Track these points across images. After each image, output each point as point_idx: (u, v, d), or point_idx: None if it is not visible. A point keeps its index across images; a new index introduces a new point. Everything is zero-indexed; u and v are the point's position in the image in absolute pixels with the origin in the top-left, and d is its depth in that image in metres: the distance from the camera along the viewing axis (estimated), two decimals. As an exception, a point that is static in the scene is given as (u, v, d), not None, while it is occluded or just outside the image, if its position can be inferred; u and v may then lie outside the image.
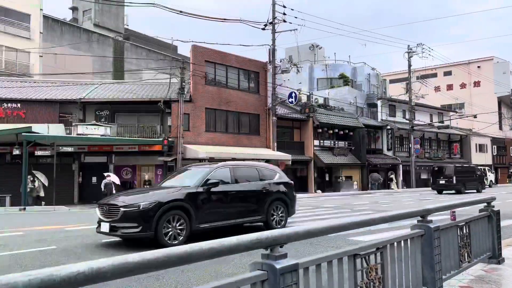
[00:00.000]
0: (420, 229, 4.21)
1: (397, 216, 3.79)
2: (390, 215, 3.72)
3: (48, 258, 6.75)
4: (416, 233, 4.14)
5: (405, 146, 38.19)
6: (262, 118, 26.58)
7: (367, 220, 3.54)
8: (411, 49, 36.99)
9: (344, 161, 31.65)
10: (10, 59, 28.74)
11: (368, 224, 3.63)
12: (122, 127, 23.18)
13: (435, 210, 4.47)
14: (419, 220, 4.31)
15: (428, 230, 4.20)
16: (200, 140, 23.29)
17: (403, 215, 3.90)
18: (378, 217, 3.66)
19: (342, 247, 3.77)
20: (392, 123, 36.71)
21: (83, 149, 21.66)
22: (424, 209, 4.25)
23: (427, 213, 4.30)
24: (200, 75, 23.47)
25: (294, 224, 10.69)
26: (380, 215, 3.72)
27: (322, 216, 13.02)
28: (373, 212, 13.22)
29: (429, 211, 4.34)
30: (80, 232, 9.96)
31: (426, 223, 4.26)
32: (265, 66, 26.89)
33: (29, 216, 15.52)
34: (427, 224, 4.24)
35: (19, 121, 21.78)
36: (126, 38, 46.66)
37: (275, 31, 26.61)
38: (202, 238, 3.84)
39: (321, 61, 47.41)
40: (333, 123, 31.18)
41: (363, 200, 20.82)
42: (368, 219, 3.58)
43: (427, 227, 4.21)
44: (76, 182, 22.26)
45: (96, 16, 45.26)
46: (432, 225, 4.24)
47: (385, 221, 3.89)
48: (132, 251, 6.91)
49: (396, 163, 35.53)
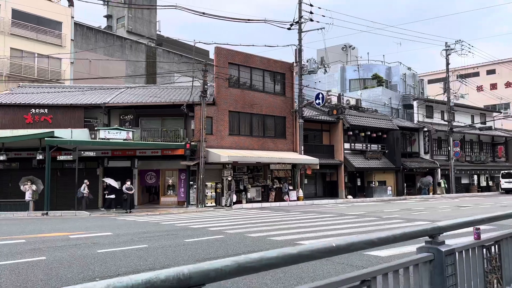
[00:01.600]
0: (428, 253, 3.28)
1: (386, 239, 2.89)
2: (377, 237, 2.83)
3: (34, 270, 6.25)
4: (422, 258, 3.21)
5: (444, 149, 36.05)
6: (289, 121, 25.67)
7: (353, 244, 2.71)
8: (449, 46, 34.92)
9: (377, 165, 30.16)
10: (42, 66, 29.42)
11: (356, 248, 2.77)
12: (146, 131, 23.00)
13: (449, 227, 3.50)
14: (427, 241, 3.38)
15: (439, 254, 3.26)
16: (223, 144, 22.71)
17: (398, 236, 2.99)
18: (363, 240, 2.82)
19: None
20: (429, 125, 34.75)
21: (106, 154, 21.59)
22: (432, 227, 3.31)
23: (437, 232, 3.36)
24: (224, 78, 22.93)
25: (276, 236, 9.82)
26: (364, 238, 2.86)
27: (338, 227, 12.02)
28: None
29: (440, 230, 3.39)
30: (80, 240, 9.51)
31: (436, 245, 3.32)
32: (291, 67, 26.00)
33: (46, 221, 15.42)
34: (437, 246, 3.30)
35: (46, 126, 21.99)
36: (159, 44, 47.20)
37: (302, 31, 25.71)
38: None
39: (354, 62, 45.90)
40: (364, 125, 29.80)
41: (395, 207, 19.48)
42: (352, 242, 2.73)
43: (436, 251, 3.27)
44: (100, 187, 22.22)
45: (129, 23, 46.08)
46: (445, 248, 3.30)
47: (388, 242, 3.01)
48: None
49: (433, 167, 33.55)
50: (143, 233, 10.82)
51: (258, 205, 21.59)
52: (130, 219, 15.78)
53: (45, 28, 29.75)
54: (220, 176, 22.60)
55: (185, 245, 8.59)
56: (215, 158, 21.10)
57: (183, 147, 21.12)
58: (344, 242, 2.60)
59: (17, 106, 22.62)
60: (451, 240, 7.85)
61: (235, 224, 12.41)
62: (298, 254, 2.30)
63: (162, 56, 45.72)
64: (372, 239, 2.79)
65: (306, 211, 17.69)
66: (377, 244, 2.82)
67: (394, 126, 31.73)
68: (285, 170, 25.33)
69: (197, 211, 19.26)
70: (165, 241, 9.15)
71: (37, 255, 7.53)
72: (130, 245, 8.61)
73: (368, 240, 2.76)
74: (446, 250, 3.29)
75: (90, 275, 5.94)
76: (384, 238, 2.87)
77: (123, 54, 40.74)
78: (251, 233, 10.16)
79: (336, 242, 2.54)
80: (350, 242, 2.64)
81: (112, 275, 5.92)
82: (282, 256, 2.20)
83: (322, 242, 2.44)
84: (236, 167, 23.42)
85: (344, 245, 2.60)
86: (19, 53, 28.15)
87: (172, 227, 12.23)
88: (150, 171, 23.16)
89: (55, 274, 6.07)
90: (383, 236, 2.85)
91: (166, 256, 7.28)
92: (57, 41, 30.29)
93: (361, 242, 2.72)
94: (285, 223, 12.78)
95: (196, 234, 10.37)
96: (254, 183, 24.21)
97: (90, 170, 22.32)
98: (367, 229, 10.77)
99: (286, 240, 9.04)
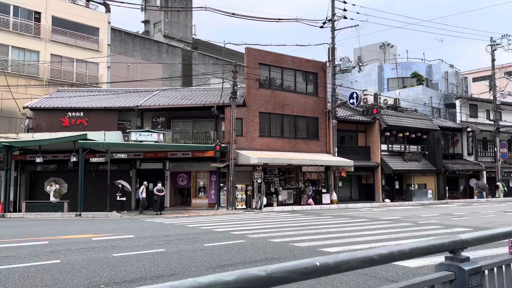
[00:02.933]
0: (448, 271, 2.74)
1: (389, 256, 2.38)
2: (378, 254, 2.33)
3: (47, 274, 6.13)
4: (440, 278, 2.68)
5: (490, 150, 33.98)
6: (321, 122, 24.96)
7: (351, 260, 2.25)
8: (494, 41, 32.90)
9: (417, 167, 28.79)
10: (80, 71, 30.30)
11: (348, 268, 2.29)
12: (178, 133, 23.06)
13: (475, 241, 2.92)
14: (447, 257, 2.83)
15: (461, 273, 2.71)
16: (254, 145, 22.36)
17: (406, 253, 2.48)
18: (374, 254, 2.35)
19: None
20: (473, 125, 32.86)
21: (139, 156, 21.81)
22: (452, 241, 2.75)
23: (459, 246, 2.80)
24: (254, 78, 22.60)
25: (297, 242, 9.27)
26: (381, 251, 2.39)
27: (369, 233, 11.34)
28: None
29: (463, 244, 2.83)
30: (100, 243, 9.43)
31: (458, 262, 2.76)
32: (324, 66, 25.28)
33: (76, 222, 15.65)
34: (458, 264, 2.74)
35: (82, 129, 22.53)
36: (194, 47, 47.69)
37: (335, 29, 24.96)
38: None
39: (392, 61, 44.32)
40: (403, 126, 28.54)
41: (434, 212, 18.37)
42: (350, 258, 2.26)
43: (458, 269, 2.72)
44: (134, 188, 22.46)
45: (165, 28, 46.87)
46: (469, 266, 2.74)
47: (390, 259, 2.51)
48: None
49: (478, 169, 31.66)
50: (165, 236, 10.63)
51: (289, 208, 21.06)
52: (158, 221, 15.74)
53: (83, 34, 30.64)
54: (250, 178, 22.28)
55: (203, 250, 8.28)
56: (245, 160, 20.79)
57: (213, 149, 20.97)
58: (333, 260, 2.13)
59: (55, 110, 23.36)
60: (485, 251, 7.11)
61: (259, 228, 12.00)
62: (268, 277, 1.85)
63: (198, 59, 46.13)
64: (371, 256, 2.30)
65: (338, 215, 17.00)
66: (378, 262, 2.33)
67: (434, 126, 30.23)
68: (318, 172, 24.64)
69: (227, 213, 19.01)
70: (184, 245, 8.88)
71: (53, 258, 7.45)
72: (147, 249, 8.40)
73: (366, 258, 2.28)
74: (471, 268, 2.72)
75: (96, 282, 5.73)
76: (387, 255, 2.37)
77: (160, 58, 41.47)
78: (274, 238, 9.71)
79: (322, 260, 2.08)
80: (341, 260, 2.17)
81: (118, 282, 5.69)
82: (243, 280, 1.77)
83: (304, 261, 2.01)
84: (267, 169, 23.01)
85: (333, 264, 2.13)
86: (58, 59, 29.13)
87: (196, 230, 12.00)
88: (182, 173, 23.19)
89: (62, 279, 5.91)
90: (385, 253, 2.36)
91: (179, 262, 6.98)
92: (94, 46, 31.12)
93: (357, 260, 2.23)
94: (313, 227, 12.23)
95: (217, 238, 10.05)
96: (285, 185, 23.68)
97: (123, 172, 22.64)
98: (399, 235, 10.05)
99: (309, 246, 8.53)
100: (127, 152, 20.58)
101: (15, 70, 26.61)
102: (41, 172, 22.69)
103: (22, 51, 27.57)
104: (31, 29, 28.00)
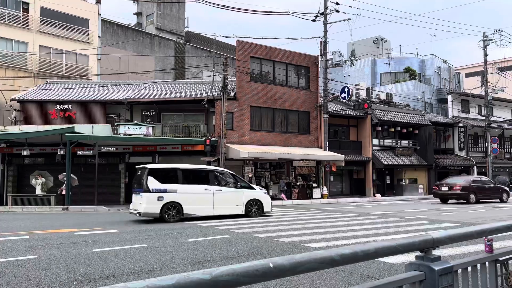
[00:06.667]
0: (418, 271, 2.62)
1: (352, 257, 2.25)
2: (340, 254, 2.20)
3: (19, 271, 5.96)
4: (409, 278, 2.56)
5: (481, 146, 34.10)
6: (313, 116, 24.84)
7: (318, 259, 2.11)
8: (487, 36, 32.88)
9: (408, 162, 28.82)
10: (70, 63, 29.88)
11: (305, 269, 2.15)
12: (168, 126, 22.81)
13: (448, 239, 2.80)
14: (418, 256, 2.71)
15: (431, 273, 2.59)
16: (244, 139, 22.20)
17: (370, 253, 2.35)
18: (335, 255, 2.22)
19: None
20: (464, 120, 32.92)
21: (128, 149, 21.56)
22: (422, 240, 2.62)
23: (430, 245, 2.68)
24: (245, 72, 22.39)
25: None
26: (343, 251, 2.26)
27: (356, 228, 11.29)
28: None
29: (434, 243, 2.71)
30: (82, 238, 9.26)
31: (428, 261, 2.64)
32: (315, 60, 25.12)
33: (62, 216, 15.44)
34: (429, 263, 2.62)
35: (70, 122, 22.22)
36: (187, 40, 47.25)
37: (327, 22, 24.77)
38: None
39: (385, 55, 44.23)
40: (395, 120, 28.52)
41: (423, 206, 18.38)
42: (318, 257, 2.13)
43: (428, 269, 2.60)
44: (122, 182, 22.25)
45: (158, 20, 46.34)
46: (439, 266, 2.63)
47: (352, 260, 2.38)
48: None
49: (469, 164, 31.78)
50: (149, 230, 10.48)
51: (279, 203, 20.98)
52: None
53: (72, 25, 30.18)
54: (241, 173, 22.12)
55: (185, 245, 8.14)
56: (235, 154, 20.64)
57: (203, 142, 20.79)
58: (288, 262, 1.99)
59: (43, 102, 23.01)
60: (469, 247, 7.03)
61: (246, 223, 11.89)
62: (212, 282, 1.69)
63: (190, 52, 45.71)
64: (332, 257, 2.16)
65: (328, 210, 16.94)
66: (339, 263, 2.19)
67: (426, 121, 30.24)
68: (309, 166, 24.56)
69: (216, 208, 18.85)
70: (167, 240, 8.74)
71: (31, 254, 7.28)
72: (129, 244, 8.26)
73: (326, 258, 2.13)
74: (441, 268, 2.59)
75: (70, 278, 5.57)
76: (349, 255, 2.23)
77: (152, 50, 41.03)
78: (259, 233, 9.60)
79: (277, 261, 1.94)
80: (298, 261, 2.03)
81: (92, 279, 5.54)
82: (182, 285, 1.61)
83: (256, 263, 1.87)
84: (258, 163, 22.88)
85: (288, 265, 1.99)
86: (47, 50, 28.69)
87: (182, 225, 11.85)
88: (172, 167, 22.96)
89: (36, 275, 5.74)
90: (347, 253, 2.22)
91: (159, 258, 6.83)
92: (84, 38, 30.68)
93: (316, 261, 2.09)
94: (300, 222, 12.14)
95: (202, 233, 9.92)
96: (276, 180, 23.58)
97: (112, 165, 22.40)
98: (386, 230, 9.98)
99: (293, 241, 8.43)
100: (116, 146, 20.34)
101: (2, 61, 26.17)
102: (28, 165, 22.38)
103: (10, 42, 27.10)
104: (19, 19, 27.52)
